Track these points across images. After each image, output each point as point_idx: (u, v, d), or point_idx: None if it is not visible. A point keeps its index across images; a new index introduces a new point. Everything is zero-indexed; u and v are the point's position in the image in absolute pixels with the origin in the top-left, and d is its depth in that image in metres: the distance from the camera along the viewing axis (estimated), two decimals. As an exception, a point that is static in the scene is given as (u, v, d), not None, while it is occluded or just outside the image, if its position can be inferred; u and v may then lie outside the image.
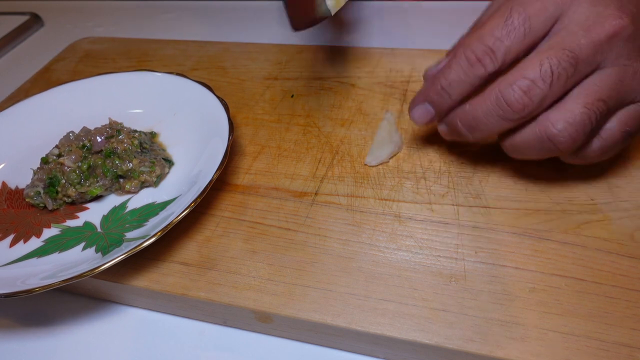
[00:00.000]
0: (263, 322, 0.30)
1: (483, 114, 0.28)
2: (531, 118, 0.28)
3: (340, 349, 0.30)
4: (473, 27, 0.32)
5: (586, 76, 0.27)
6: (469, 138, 0.30)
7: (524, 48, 0.28)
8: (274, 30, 0.62)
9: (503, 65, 0.28)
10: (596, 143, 0.29)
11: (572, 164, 0.31)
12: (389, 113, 0.41)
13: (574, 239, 0.30)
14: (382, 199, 0.34)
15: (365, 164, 0.37)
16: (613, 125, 0.28)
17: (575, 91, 0.27)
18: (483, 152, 0.37)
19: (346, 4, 0.37)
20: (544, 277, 0.29)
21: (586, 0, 0.27)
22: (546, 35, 0.28)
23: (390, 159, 0.37)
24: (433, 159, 0.37)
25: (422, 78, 0.45)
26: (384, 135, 0.38)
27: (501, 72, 0.28)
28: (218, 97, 0.39)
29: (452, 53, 0.30)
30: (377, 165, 0.37)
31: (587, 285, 0.28)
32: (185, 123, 0.41)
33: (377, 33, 0.58)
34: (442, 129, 0.33)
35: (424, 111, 0.32)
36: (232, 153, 0.40)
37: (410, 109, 0.33)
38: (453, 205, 0.33)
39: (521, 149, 0.29)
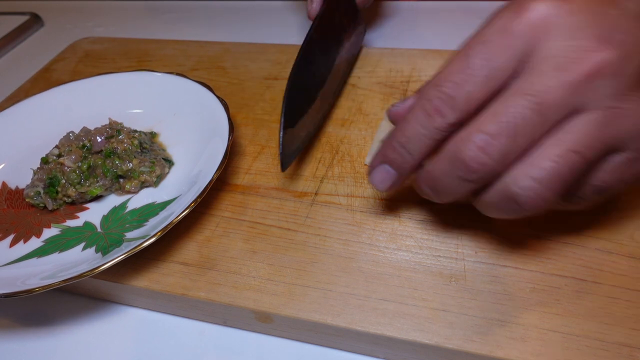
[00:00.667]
0: (263, 322, 0.30)
1: (441, 174, 0.25)
2: (497, 176, 0.23)
3: (340, 349, 0.30)
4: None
5: (561, 123, 0.22)
6: (437, 201, 0.27)
7: (488, 93, 0.23)
8: (274, 30, 0.62)
9: (466, 114, 0.24)
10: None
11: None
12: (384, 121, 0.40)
13: (574, 239, 0.30)
14: (382, 199, 0.34)
15: (366, 164, 0.37)
16: (589, 181, 0.24)
17: (547, 142, 0.22)
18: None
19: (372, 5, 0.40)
20: (544, 277, 0.29)
21: (561, 33, 0.22)
22: (516, 74, 0.23)
23: None
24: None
25: (422, 78, 0.45)
26: (384, 135, 0.38)
27: (466, 122, 0.24)
28: (218, 97, 0.39)
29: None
30: None
31: (587, 285, 0.28)
32: (185, 123, 0.41)
33: (377, 33, 0.58)
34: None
35: (384, 174, 0.28)
36: (232, 153, 0.40)
37: (369, 173, 0.28)
38: (453, 205, 0.33)
39: (489, 210, 0.25)
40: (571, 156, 0.22)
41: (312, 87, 0.39)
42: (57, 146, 0.38)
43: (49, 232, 0.35)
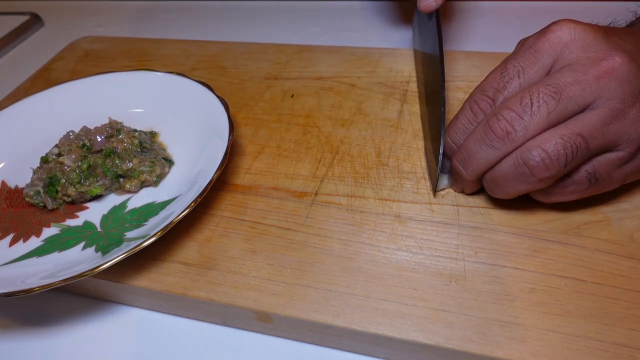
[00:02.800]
0: (263, 322, 0.30)
1: (473, 143, 0.30)
2: (513, 149, 0.28)
3: (340, 349, 0.30)
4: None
5: (574, 114, 0.27)
6: (464, 175, 0.31)
7: None
8: (273, 30, 0.62)
9: None
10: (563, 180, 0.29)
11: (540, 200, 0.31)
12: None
13: (574, 239, 0.30)
14: (382, 199, 0.34)
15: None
16: (584, 167, 0.28)
17: (559, 125, 0.27)
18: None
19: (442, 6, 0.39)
20: (543, 278, 0.29)
21: (577, 46, 0.28)
22: None
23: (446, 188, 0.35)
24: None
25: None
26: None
27: None
28: (218, 97, 0.39)
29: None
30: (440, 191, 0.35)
31: (587, 285, 0.28)
32: (186, 123, 0.41)
33: (377, 33, 0.58)
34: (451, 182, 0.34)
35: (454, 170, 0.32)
36: (232, 153, 0.40)
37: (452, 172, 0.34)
38: (453, 205, 0.33)
39: (499, 179, 0.29)
40: (576, 138, 0.27)
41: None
42: (57, 145, 0.38)
43: (49, 232, 0.35)
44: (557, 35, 0.28)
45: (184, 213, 0.30)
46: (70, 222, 0.36)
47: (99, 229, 0.35)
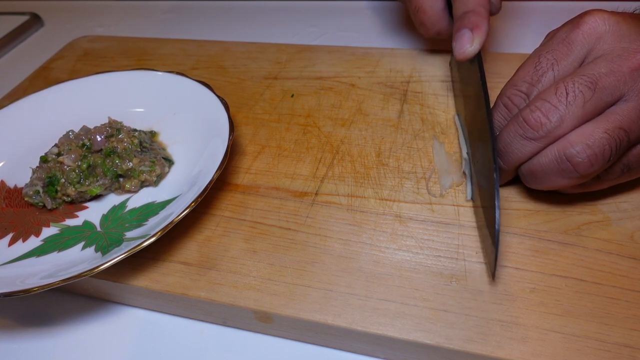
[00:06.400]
0: (263, 322, 0.30)
1: (507, 135, 0.29)
2: (554, 140, 0.28)
3: (341, 349, 0.30)
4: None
5: (608, 105, 0.27)
6: (501, 165, 0.31)
7: None
8: (273, 30, 0.62)
9: None
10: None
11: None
12: (436, 141, 0.38)
13: (574, 239, 0.30)
14: (382, 199, 0.34)
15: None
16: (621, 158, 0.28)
17: (597, 118, 0.27)
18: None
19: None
20: (544, 278, 0.29)
21: (611, 38, 0.28)
22: None
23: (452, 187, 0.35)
24: (433, 159, 0.37)
25: (422, 78, 0.45)
26: (442, 165, 0.36)
27: None
28: (218, 97, 0.39)
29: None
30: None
31: (588, 285, 0.28)
32: (186, 122, 0.41)
33: (377, 33, 0.58)
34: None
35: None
36: (232, 153, 0.40)
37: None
38: (453, 205, 0.33)
39: (538, 173, 0.29)
40: (620, 132, 0.27)
41: None
42: (56, 145, 0.38)
43: (48, 231, 0.35)
44: (591, 27, 0.28)
45: (184, 213, 0.30)
46: (70, 222, 0.36)
47: (98, 229, 0.35)
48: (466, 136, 0.36)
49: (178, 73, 0.43)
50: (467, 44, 0.35)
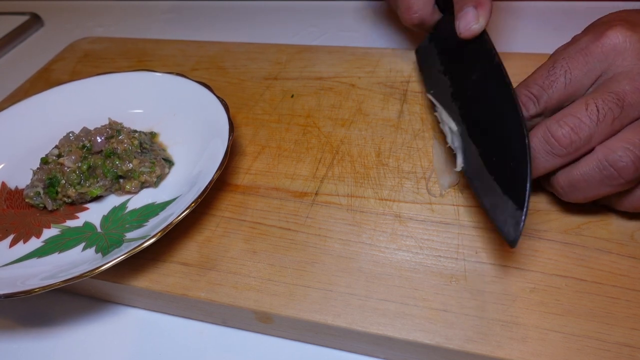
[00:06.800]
0: (263, 322, 0.30)
1: (532, 149, 0.28)
2: (579, 156, 0.28)
3: (341, 349, 0.30)
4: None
5: (632, 122, 0.27)
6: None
7: (565, 96, 0.29)
8: (273, 30, 0.62)
9: (545, 110, 0.30)
10: None
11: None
12: (436, 141, 0.38)
13: (574, 239, 0.30)
14: (382, 199, 0.34)
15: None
16: None
17: (629, 127, 0.27)
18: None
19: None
20: (544, 277, 0.29)
21: (631, 55, 0.28)
22: (591, 87, 0.29)
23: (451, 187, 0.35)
24: (433, 159, 0.37)
25: (422, 78, 0.45)
26: (442, 165, 0.36)
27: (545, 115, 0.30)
28: (218, 97, 0.39)
29: None
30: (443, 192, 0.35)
31: (588, 285, 0.28)
32: (185, 123, 0.41)
33: (377, 33, 0.58)
34: None
35: None
36: (232, 153, 0.40)
37: None
38: (453, 205, 0.33)
39: (579, 183, 0.28)
40: None
41: None
42: (56, 146, 0.38)
43: (49, 233, 0.35)
44: (612, 42, 0.28)
45: (184, 213, 0.30)
46: (71, 223, 0.36)
47: (99, 230, 0.35)
48: (455, 110, 0.35)
49: (178, 74, 0.43)
50: (473, 21, 0.34)
